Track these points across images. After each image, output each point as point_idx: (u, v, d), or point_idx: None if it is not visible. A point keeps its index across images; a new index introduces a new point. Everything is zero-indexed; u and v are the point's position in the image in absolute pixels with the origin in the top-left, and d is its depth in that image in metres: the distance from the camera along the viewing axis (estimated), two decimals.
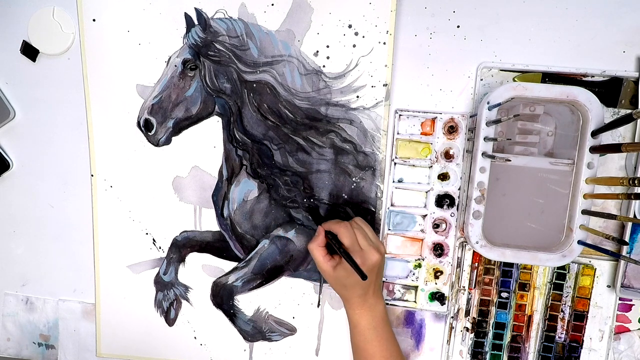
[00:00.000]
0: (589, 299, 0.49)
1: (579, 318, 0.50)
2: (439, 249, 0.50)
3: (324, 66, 0.49)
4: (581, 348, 0.50)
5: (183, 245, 0.54)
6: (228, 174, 0.52)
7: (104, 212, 0.54)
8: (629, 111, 0.45)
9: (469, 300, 0.51)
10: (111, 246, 0.55)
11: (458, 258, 0.51)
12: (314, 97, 0.50)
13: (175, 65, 0.50)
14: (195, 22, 0.49)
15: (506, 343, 0.51)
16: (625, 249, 0.48)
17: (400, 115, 0.49)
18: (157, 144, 0.52)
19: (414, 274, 0.51)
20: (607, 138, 0.48)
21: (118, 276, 0.55)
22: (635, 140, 0.47)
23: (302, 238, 0.52)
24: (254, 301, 0.54)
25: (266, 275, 0.53)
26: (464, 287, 0.51)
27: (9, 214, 0.57)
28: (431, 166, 0.49)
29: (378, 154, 0.50)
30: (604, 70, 0.47)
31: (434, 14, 0.48)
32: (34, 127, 0.55)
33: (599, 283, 0.49)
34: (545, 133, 0.47)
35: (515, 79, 0.48)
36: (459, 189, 0.49)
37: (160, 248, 0.54)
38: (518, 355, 0.51)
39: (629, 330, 0.50)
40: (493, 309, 0.51)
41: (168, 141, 0.52)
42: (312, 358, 0.54)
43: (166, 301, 0.55)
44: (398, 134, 0.50)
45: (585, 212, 0.44)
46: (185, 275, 0.54)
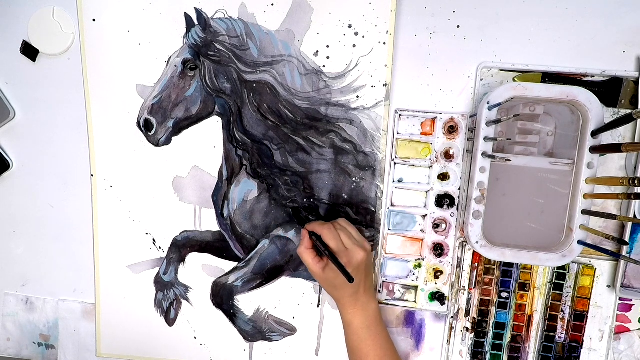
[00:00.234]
0: (589, 299, 0.49)
1: (579, 318, 0.50)
2: (439, 249, 0.50)
3: (324, 66, 0.49)
4: (581, 348, 0.50)
5: (183, 245, 0.54)
6: (228, 174, 0.52)
7: (104, 212, 0.54)
8: (629, 111, 0.45)
9: (469, 300, 0.51)
10: (111, 246, 0.55)
11: (458, 258, 0.51)
12: (314, 97, 0.50)
13: (175, 65, 0.50)
14: (195, 22, 0.49)
15: (506, 343, 0.51)
16: (625, 249, 0.48)
17: (400, 115, 0.49)
18: (157, 144, 0.52)
19: (414, 274, 0.51)
20: (607, 138, 0.48)
21: (118, 276, 0.55)
22: (635, 140, 0.47)
23: None
24: (254, 301, 0.54)
25: (266, 275, 0.53)
26: (464, 287, 0.51)
27: (9, 214, 0.57)
28: (431, 166, 0.49)
29: (378, 154, 0.50)
30: (604, 70, 0.47)
31: (434, 14, 0.48)
32: (34, 127, 0.55)
33: (599, 283, 0.49)
34: (545, 133, 0.47)
35: (515, 79, 0.48)
36: (459, 189, 0.49)
37: (160, 248, 0.54)
38: (518, 355, 0.51)
39: (629, 330, 0.50)
40: (493, 309, 0.51)
41: (168, 141, 0.52)
42: (312, 358, 0.54)
43: (166, 301, 0.55)
44: (398, 134, 0.50)
45: (585, 212, 0.44)
46: (185, 275, 0.54)
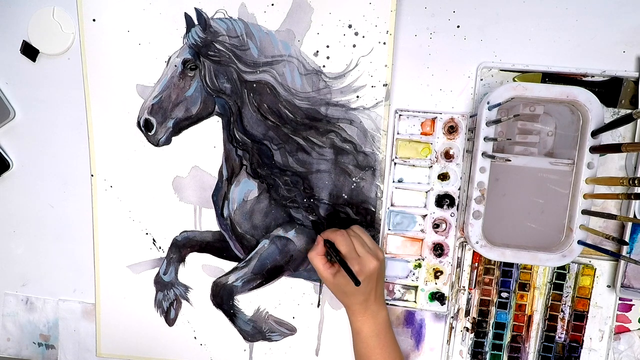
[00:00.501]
0: (589, 299, 0.49)
1: (579, 318, 0.50)
2: (439, 249, 0.50)
3: (324, 66, 0.49)
4: (581, 348, 0.50)
5: (183, 245, 0.54)
6: (228, 174, 0.52)
7: (104, 212, 0.54)
8: (629, 111, 0.45)
9: (469, 300, 0.51)
10: (111, 246, 0.55)
11: (458, 258, 0.51)
12: (314, 97, 0.49)
13: (175, 65, 0.50)
14: (195, 22, 0.49)
15: (506, 343, 0.51)
16: (625, 249, 0.48)
17: (400, 115, 0.49)
18: (157, 144, 0.52)
19: (414, 274, 0.51)
20: (607, 138, 0.47)
21: (118, 276, 0.55)
22: (635, 140, 0.47)
23: (302, 238, 0.52)
24: (254, 301, 0.54)
25: (266, 275, 0.53)
26: (464, 287, 0.51)
27: (9, 214, 0.57)
28: (431, 166, 0.49)
29: (378, 154, 0.50)
30: (604, 70, 0.47)
31: (434, 14, 0.48)
32: (34, 127, 0.55)
33: (599, 283, 0.49)
34: (545, 133, 0.47)
35: (515, 79, 0.48)
36: (459, 189, 0.49)
37: (160, 248, 0.54)
38: (518, 355, 0.51)
39: (629, 330, 0.50)
40: (493, 309, 0.51)
41: (168, 141, 0.52)
42: (312, 358, 0.54)
43: (166, 301, 0.55)
44: (398, 134, 0.50)
45: (585, 212, 0.44)
46: (185, 275, 0.54)
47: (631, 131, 0.47)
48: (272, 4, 0.48)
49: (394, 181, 0.50)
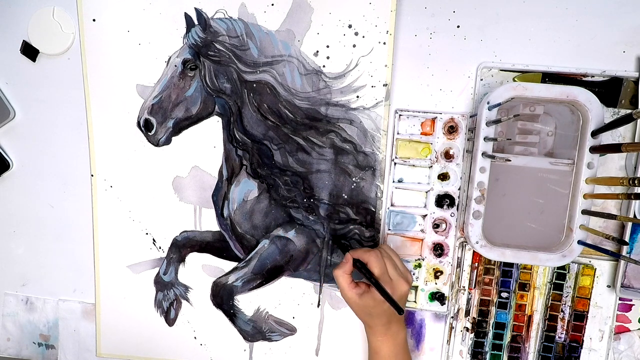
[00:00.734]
0: (589, 299, 0.49)
1: (579, 318, 0.50)
2: (439, 249, 0.50)
3: (324, 66, 0.49)
4: (581, 348, 0.50)
5: (183, 245, 0.54)
6: (228, 174, 0.52)
7: (104, 212, 0.54)
8: (629, 111, 0.45)
9: (469, 300, 0.51)
10: (111, 246, 0.55)
11: (458, 258, 0.51)
12: (314, 97, 0.49)
13: (175, 65, 0.50)
14: (195, 22, 0.49)
15: (506, 343, 0.51)
16: (625, 249, 0.48)
17: (400, 115, 0.49)
18: (157, 144, 0.52)
19: (414, 274, 0.51)
20: (607, 138, 0.47)
21: (118, 276, 0.55)
22: (635, 140, 0.47)
23: (302, 238, 0.52)
24: (254, 301, 0.54)
25: (266, 275, 0.53)
26: (464, 287, 0.51)
27: (9, 214, 0.57)
28: (431, 166, 0.49)
29: (378, 154, 0.50)
30: (604, 70, 0.47)
31: (434, 14, 0.48)
32: (34, 127, 0.55)
33: (599, 283, 0.49)
34: (545, 133, 0.47)
35: (515, 79, 0.48)
36: (459, 189, 0.49)
37: (160, 248, 0.54)
38: (518, 355, 0.51)
39: (629, 330, 0.50)
40: (493, 309, 0.51)
41: (168, 141, 0.52)
42: (312, 358, 0.54)
43: (166, 301, 0.55)
44: (398, 134, 0.50)
45: (585, 212, 0.44)
46: (185, 275, 0.54)
47: (631, 131, 0.47)
48: (272, 4, 0.48)
49: (394, 181, 0.50)
